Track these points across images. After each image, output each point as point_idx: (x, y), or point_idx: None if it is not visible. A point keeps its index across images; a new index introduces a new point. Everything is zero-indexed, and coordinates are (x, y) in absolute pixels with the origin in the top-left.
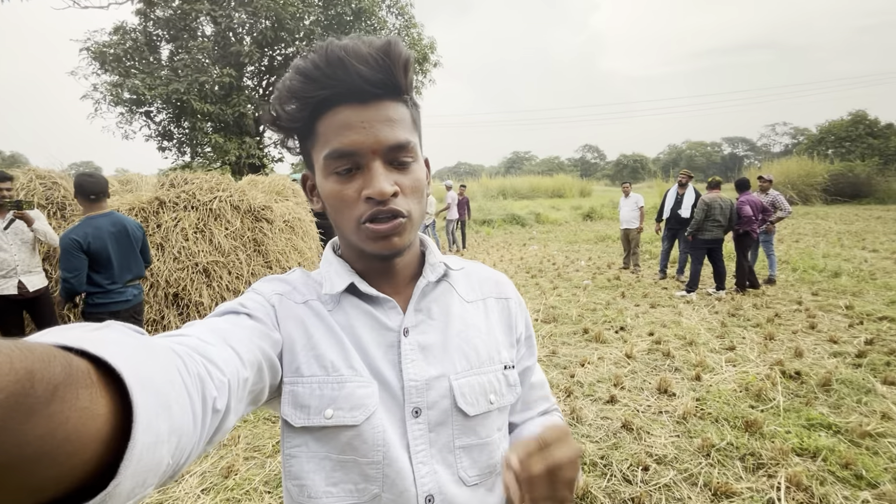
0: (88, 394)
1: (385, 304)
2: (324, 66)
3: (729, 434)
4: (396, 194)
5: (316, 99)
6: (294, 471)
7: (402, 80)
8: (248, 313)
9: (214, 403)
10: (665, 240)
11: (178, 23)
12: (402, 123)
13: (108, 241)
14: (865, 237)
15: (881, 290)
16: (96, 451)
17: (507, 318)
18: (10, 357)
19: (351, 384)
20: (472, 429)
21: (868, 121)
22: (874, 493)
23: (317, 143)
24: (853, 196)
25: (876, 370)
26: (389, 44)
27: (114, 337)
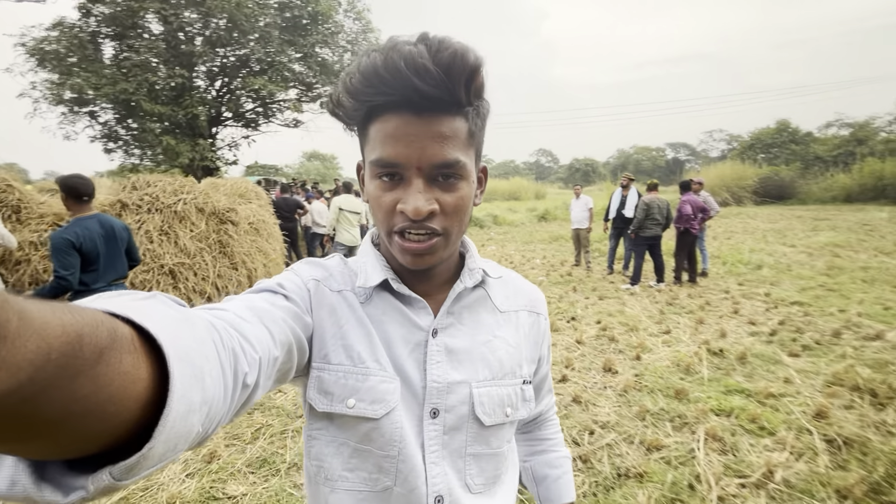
0: (131, 359)
1: (416, 304)
2: (382, 70)
3: (661, 401)
4: (434, 213)
5: (371, 103)
6: (314, 452)
7: (463, 94)
8: (285, 294)
9: (245, 378)
10: (612, 238)
11: (124, 20)
12: (454, 140)
13: (97, 241)
14: (787, 234)
15: (795, 280)
16: (134, 413)
17: (537, 334)
18: (62, 320)
19: (375, 378)
20: (485, 438)
21: (791, 129)
22: (773, 439)
23: (367, 145)
24: (779, 197)
25: (784, 345)
26: (455, 57)
27: (157, 308)
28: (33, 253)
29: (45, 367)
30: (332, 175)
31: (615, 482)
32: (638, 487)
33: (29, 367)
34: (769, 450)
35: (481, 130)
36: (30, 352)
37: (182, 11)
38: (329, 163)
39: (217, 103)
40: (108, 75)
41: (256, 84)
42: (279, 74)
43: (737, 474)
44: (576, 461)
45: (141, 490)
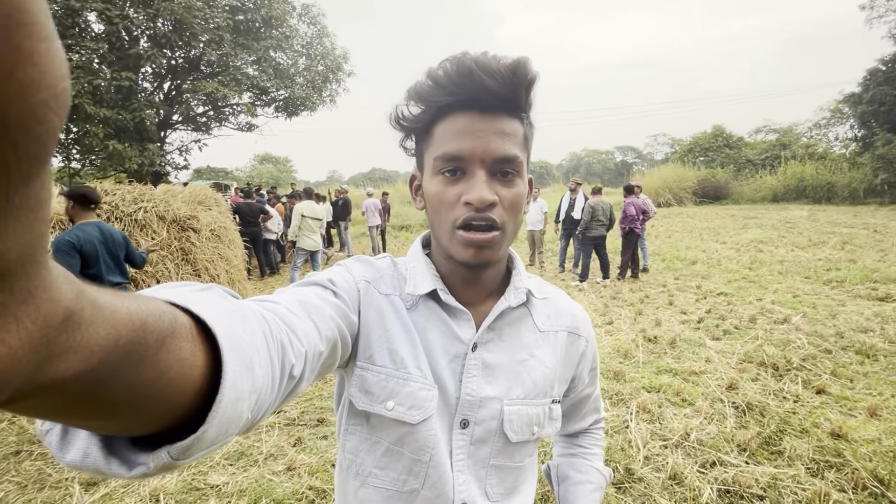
0: (190, 347)
1: (461, 316)
2: (454, 74)
3: (603, 382)
4: (495, 204)
5: (440, 104)
6: (349, 446)
7: (524, 98)
8: (335, 290)
9: (292, 370)
10: (562, 238)
11: (63, 19)
12: (513, 138)
13: (96, 244)
14: (720, 232)
15: (723, 273)
16: (191, 398)
17: (573, 354)
18: (128, 308)
19: (415, 384)
20: (509, 453)
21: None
22: (692, 409)
23: (431, 145)
24: (716, 198)
25: (708, 331)
26: (518, 62)
27: (213, 300)
28: None
29: (114, 352)
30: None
31: None
32: None
33: (101, 351)
34: (688, 417)
35: (531, 142)
36: (101, 338)
37: (127, 12)
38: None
39: (166, 106)
40: None
41: (208, 87)
42: (232, 78)
43: (661, 438)
44: None
45: (122, 487)
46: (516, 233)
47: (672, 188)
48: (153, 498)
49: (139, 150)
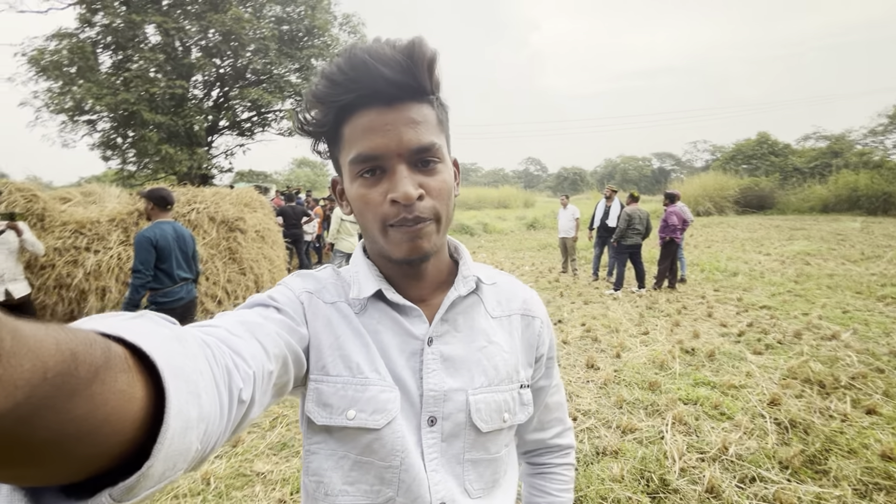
0: (126, 378)
1: (411, 313)
2: (348, 69)
3: (637, 393)
4: (422, 197)
5: (340, 103)
6: (313, 467)
7: (427, 80)
8: (277, 307)
9: (240, 394)
10: (596, 246)
11: (124, 32)
12: (426, 125)
13: (170, 241)
14: (763, 243)
15: (766, 286)
16: (131, 433)
17: (531, 336)
18: (56, 339)
19: (374, 387)
20: (482, 444)
21: (770, 141)
22: (731, 423)
23: (343, 148)
24: (759, 207)
25: (749, 345)
26: (413, 44)
27: (148, 327)
28: (57, 258)
29: (40, 387)
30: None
31: (594, 458)
32: (613, 462)
33: (25, 385)
34: (726, 431)
35: (447, 122)
36: (26, 371)
37: (182, 24)
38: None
39: (214, 112)
40: (108, 85)
41: (253, 94)
42: (275, 85)
43: (697, 450)
44: None
45: None
46: (450, 219)
47: (712, 196)
48: (205, 480)
49: (189, 153)
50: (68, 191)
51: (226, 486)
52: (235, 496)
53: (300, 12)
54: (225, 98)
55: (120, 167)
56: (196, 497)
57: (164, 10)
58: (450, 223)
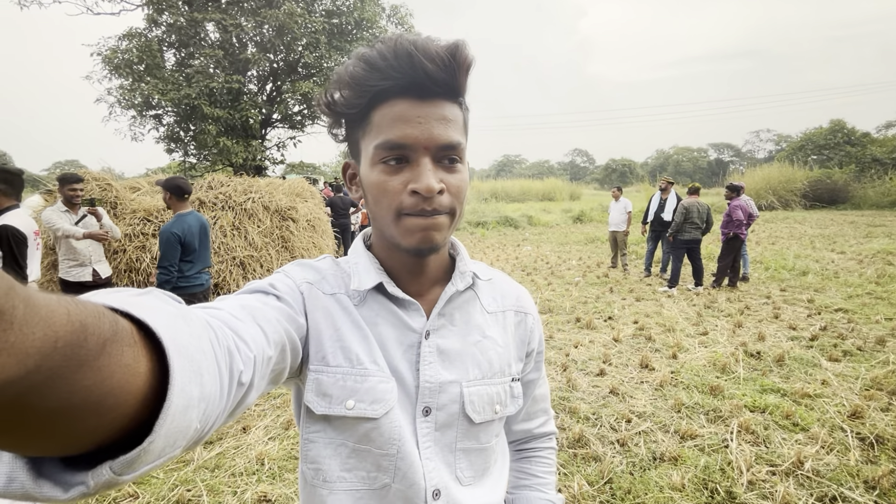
0: (132, 352)
1: (410, 307)
2: (391, 57)
3: (697, 396)
4: (442, 192)
5: (377, 88)
6: (311, 455)
7: (463, 82)
8: (277, 294)
9: (240, 377)
10: (650, 241)
11: (187, 30)
12: (455, 124)
13: (195, 234)
14: (836, 240)
15: (842, 287)
16: (135, 407)
17: (523, 332)
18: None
19: (373, 378)
20: (474, 434)
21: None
22: (805, 435)
23: (369, 133)
24: (831, 202)
25: (824, 350)
26: (457, 46)
27: (155, 304)
28: (128, 244)
29: (51, 356)
30: None
31: (651, 464)
32: (672, 469)
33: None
34: (801, 443)
35: (468, 125)
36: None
37: (239, 20)
38: None
39: (268, 106)
40: (172, 81)
41: (304, 88)
42: (326, 78)
43: (767, 463)
44: (613, 444)
45: (233, 448)
46: (462, 216)
47: (777, 190)
48: (259, 461)
49: (244, 146)
50: (137, 181)
51: (279, 468)
52: (288, 478)
53: (349, 5)
54: (277, 92)
55: (182, 159)
56: (251, 476)
57: (223, 8)
58: (460, 220)
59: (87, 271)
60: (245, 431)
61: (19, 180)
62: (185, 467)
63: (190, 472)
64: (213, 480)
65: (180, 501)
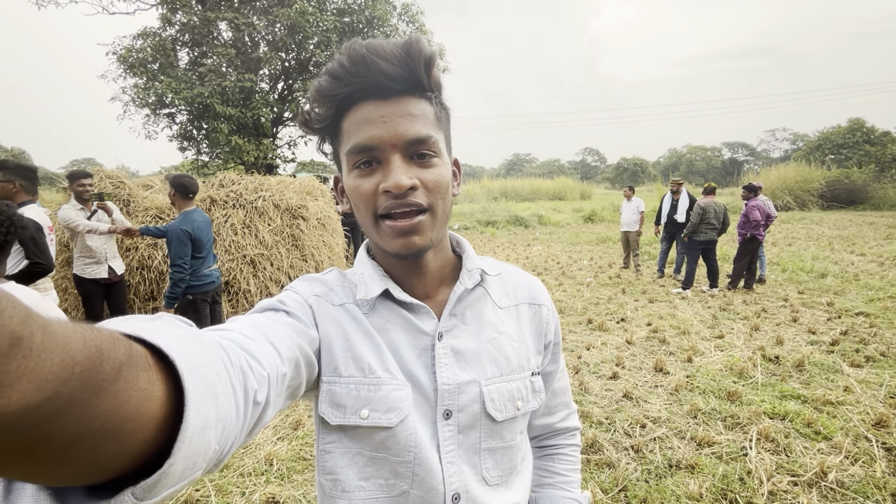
0: (147, 376)
1: (419, 310)
2: (348, 64)
3: (713, 402)
4: (415, 188)
5: (340, 96)
6: (328, 466)
7: (424, 76)
8: (287, 311)
9: (255, 396)
10: (663, 241)
11: (200, 29)
12: (423, 119)
13: (203, 231)
14: (856, 242)
15: (862, 290)
16: (152, 431)
17: (539, 324)
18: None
19: (387, 387)
20: (498, 433)
21: (865, 128)
22: (828, 444)
23: (342, 141)
24: (849, 202)
25: (845, 355)
26: (410, 42)
27: (166, 328)
28: (140, 241)
29: (69, 382)
30: None
31: (667, 471)
32: (689, 477)
33: (55, 380)
34: (824, 453)
35: (447, 121)
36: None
37: (251, 19)
38: None
39: (279, 104)
40: (185, 80)
41: None
42: None
43: (789, 472)
44: (627, 450)
45: (242, 448)
46: (447, 215)
47: (793, 190)
48: (268, 461)
49: (256, 144)
50: (150, 178)
51: (287, 469)
52: (297, 479)
53: (361, 3)
54: (289, 90)
55: (195, 157)
56: (260, 477)
57: (235, 7)
58: (447, 219)
59: (103, 268)
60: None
61: (35, 176)
62: None
63: None
64: (222, 481)
65: (189, 502)
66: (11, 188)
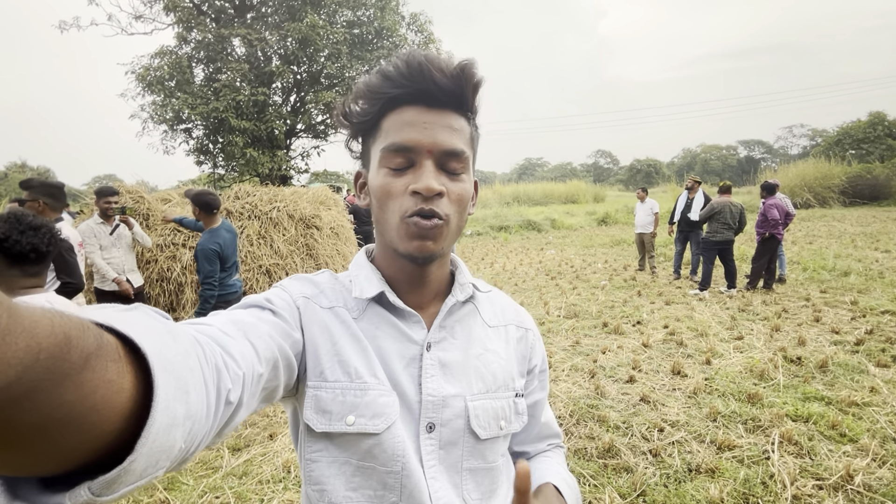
0: (116, 368)
1: (410, 318)
2: (404, 68)
3: (733, 404)
4: (442, 195)
5: (388, 96)
6: (315, 476)
7: (470, 97)
8: (273, 309)
9: (228, 395)
10: (678, 242)
11: (214, 45)
12: (461, 134)
13: (230, 245)
14: (880, 238)
15: (888, 288)
16: (117, 424)
17: (524, 348)
18: (51, 321)
19: (373, 392)
20: (480, 452)
21: (887, 122)
22: (854, 446)
23: (378, 138)
24: (872, 198)
25: (871, 355)
26: (466, 63)
27: (141, 319)
28: (159, 254)
29: (33, 367)
30: None
31: (686, 476)
32: (710, 482)
33: (18, 364)
34: (849, 456)
35: (477, 144)
36: (20, 349)
37: (264, 34)
38: None
39: (292, 117)
40: (201, 96)
41: (327, 98)
42: (347, 87)
43: (813, 476)
44: (645, 455)
45: (261, 455)
46: (461, 230)
47: (813, 187)
48: (286, 468)
49: (270, 156)
50: (168, 193)
51: None
52: None
53: (370, 15)
54: (301, 102)
55: (211, 171)
56: (278, 484)
57: (248, 23)
58: (459, 234)
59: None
60: (272, 438)
61: (62, 193)
62: (213, 474)
63: (219, 478)
64: (241, 488)
65: None
66: (37, 206)
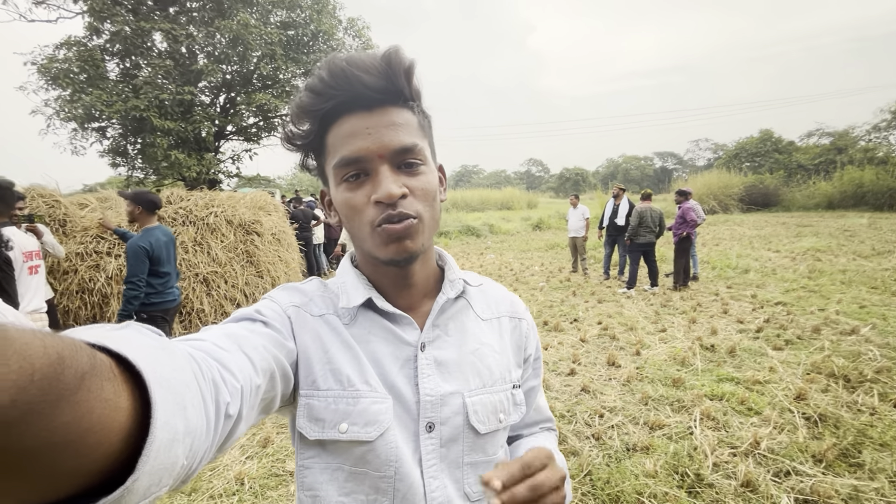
0: (112, 387)
1: (402, 321)
2: (328, 78)
3: (661, 389)
4: (405, 196)
5: (322, 111)
6: (308, 482)
7: (405, 86)
8: (264, 321)
9: (227, 409)
10: (606, 245)
11: (133, 39)
12: (407, 128)
13: (163, 248)
14: (772, 240)
15: (779, 282)
16: (116, 445)
17: (519, 337)
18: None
19: (366, 400)
20: (481, 446)
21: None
22: (759, 418)
23: (328, 156)
24: (764, 204)
25: (769, 341)
26: (390, 52)
27: (134, 337)
28: (80, 263)
29: (27, 390)
30: None
31: (625, 454)
32: (645, 457)
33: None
34: (756, 426)
35: (430, 128)
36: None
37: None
38: None
39: (222, 118)
40: (118, 92)
41: (260, 99)
42: (282, 90)
43: (729, 445)
44: (589, 439)
45: (210, 470)
46: (437, 222)
47: (717, 195)
48: (238, 481)
49: (197, 159)
50: (85, 197)
51: (260, 486)
52: (271, 496)
53: (306, 17)
54: (232, 104)
55: (128, 174)
56: (232, 497)
57: (172, 17)
58: (436, 226)
59: None
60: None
61: (10, 194)
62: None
63: (165, 497)
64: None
65: None
66: None
